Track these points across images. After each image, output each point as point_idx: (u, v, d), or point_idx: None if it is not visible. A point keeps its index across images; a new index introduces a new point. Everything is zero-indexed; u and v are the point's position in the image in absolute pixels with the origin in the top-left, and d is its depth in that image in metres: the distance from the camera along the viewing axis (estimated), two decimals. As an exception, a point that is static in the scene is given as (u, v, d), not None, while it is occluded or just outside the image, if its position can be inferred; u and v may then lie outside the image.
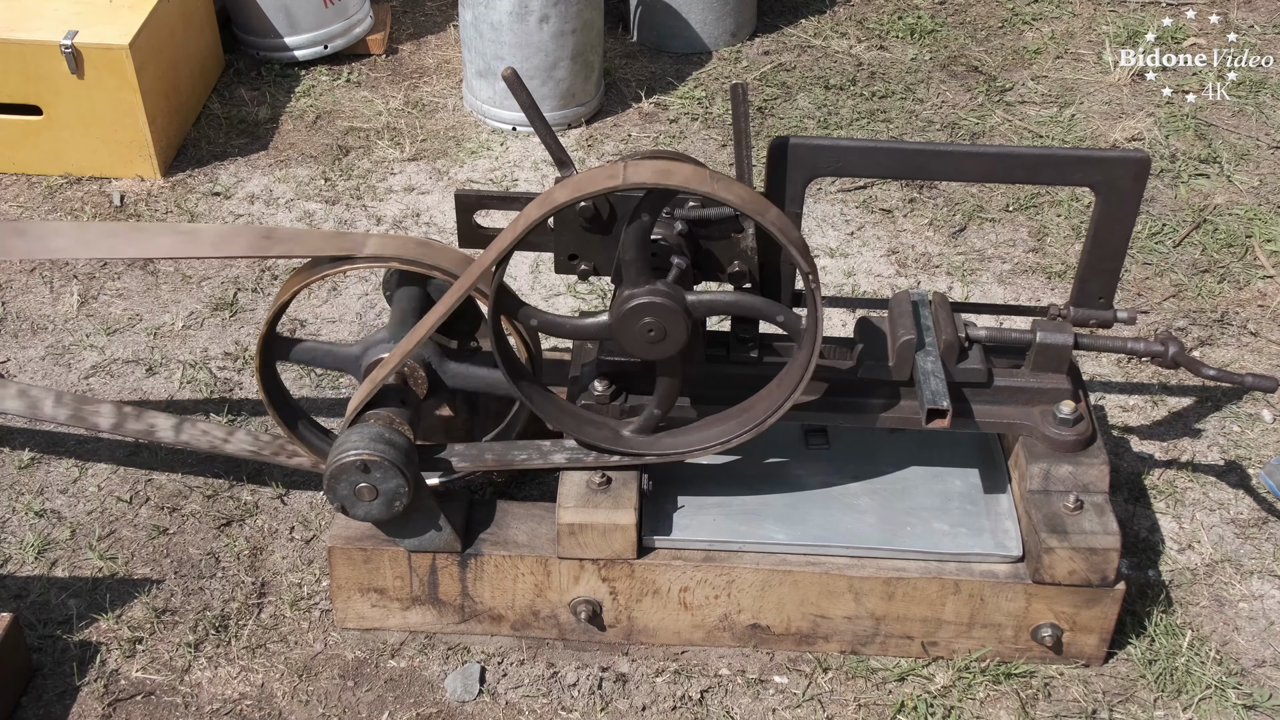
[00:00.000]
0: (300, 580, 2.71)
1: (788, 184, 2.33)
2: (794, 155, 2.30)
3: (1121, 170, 2.32)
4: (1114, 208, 2.35)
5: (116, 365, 3.24)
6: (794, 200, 2.35)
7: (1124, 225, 2.37)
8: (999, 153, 2.36)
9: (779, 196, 2.34)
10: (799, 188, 2.34)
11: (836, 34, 4.71)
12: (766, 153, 2.31)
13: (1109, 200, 2.35)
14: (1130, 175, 2.32)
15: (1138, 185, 2.33)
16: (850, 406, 2.47)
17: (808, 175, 2.33)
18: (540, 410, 2.39)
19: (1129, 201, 2.35)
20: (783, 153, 2.30)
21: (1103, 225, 2.37)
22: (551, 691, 2.50)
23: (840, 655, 2.55)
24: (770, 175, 2.33)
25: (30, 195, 3.84)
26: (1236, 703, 2.49)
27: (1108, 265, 2.42)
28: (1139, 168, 2.32)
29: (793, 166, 2.31)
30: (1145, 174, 2.33)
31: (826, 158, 2.32)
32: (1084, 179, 2.34)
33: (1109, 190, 2.34)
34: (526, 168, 4.00)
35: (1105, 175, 2.33)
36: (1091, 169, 2.33)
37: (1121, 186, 2.33)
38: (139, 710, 2.46)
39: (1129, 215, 2.36)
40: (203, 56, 4.23)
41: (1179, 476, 2.96)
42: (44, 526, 2.81)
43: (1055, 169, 2.35)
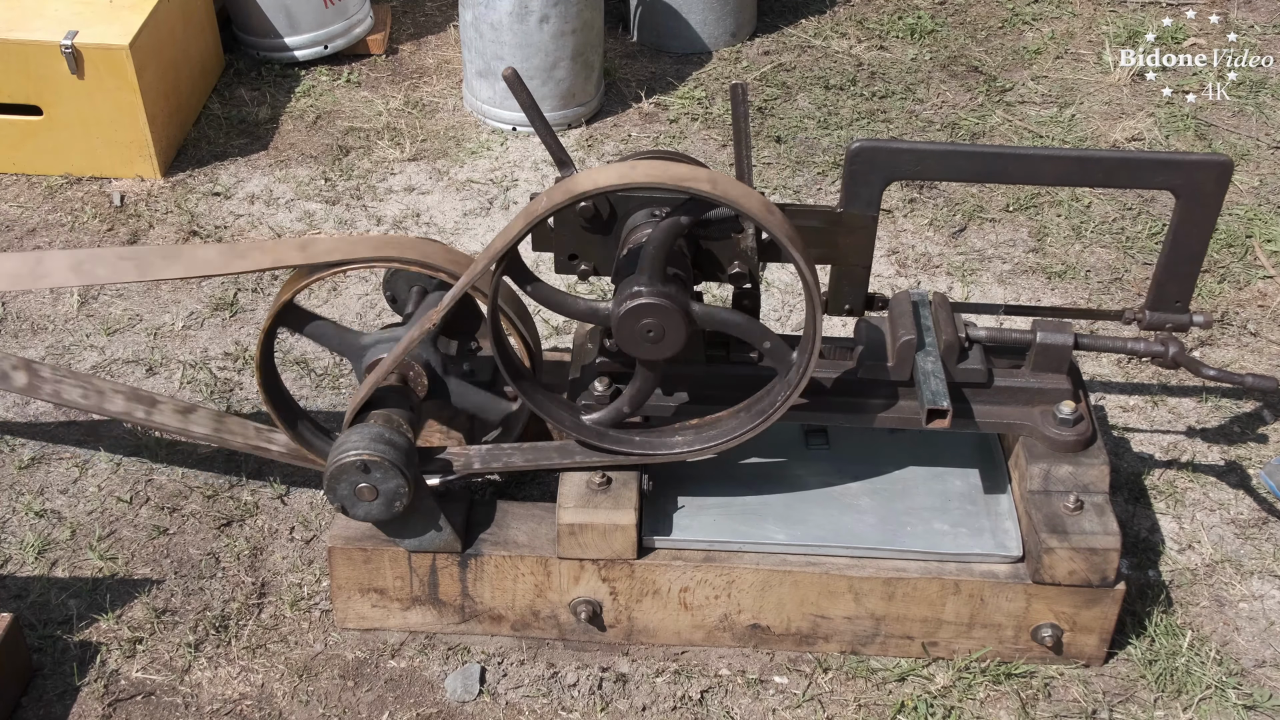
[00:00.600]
0: (300, 580, 2.71)
1: (866, 188, 2.32)
2: (874, 159, 2.30)
3: (1204, 174, 2.29)
4: (1195, 211, 2.33)
5: (116, 365, 3.24)
6: (871, 204, 2.34)
7: (1204, 229, 2.35)
8: (1078, 156, 2.34)
9: (858, 200, 2.33)
10: (877, 191, 2.33)
11: (836, 34, 4.71)
12: (845, 158, 2.30)
13: (1190, 204, 2.32)
14: (1213, 179, 2.30)
15: (1220, 188, 2.31)
16: (850, 406, 2.47)
17: (886, 179, 2.32)
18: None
19: (1210, 205, 2.32)
20: (864, 157, 2.30)
21: (1182, 229, 2.35)
22: (551, 691, 2.50)
23: (840, 655, 2.55)
24: (849, 180, 2.32)
25: (30, 195, 3.84)
26: (1236, 703, 2.49)
27: (1186, 269, 2.40)
28: (1222, 171, 2.29)
29: (872, 170, 2.31)
30: (1228, 177, 2.30)
31: (905, 161, 2.31)
32: (1165, 182, 2.32)
33: (1190, 194, 2.31)
34: (526, 168, 4.00)
35: (1187, 179, 2.30)
36: (1172, 172, 2.30)
37: (1204, 190, 2.31)
38: (139, 710, 2.46)
39: (1210, 218, 2.34)
40: (203, 56, 4.23)
41: (1179, 476, 2.96)
42: (44, 526, 2.81)
43: (1134, 172, 2.33)
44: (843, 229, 2.36)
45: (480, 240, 3.69)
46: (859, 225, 2.35)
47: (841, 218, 2.35)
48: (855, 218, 2.34)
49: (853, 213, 2.34)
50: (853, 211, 2.34)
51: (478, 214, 3.80)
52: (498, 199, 3.86)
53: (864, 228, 2.35)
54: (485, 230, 3.73)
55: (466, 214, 3.80)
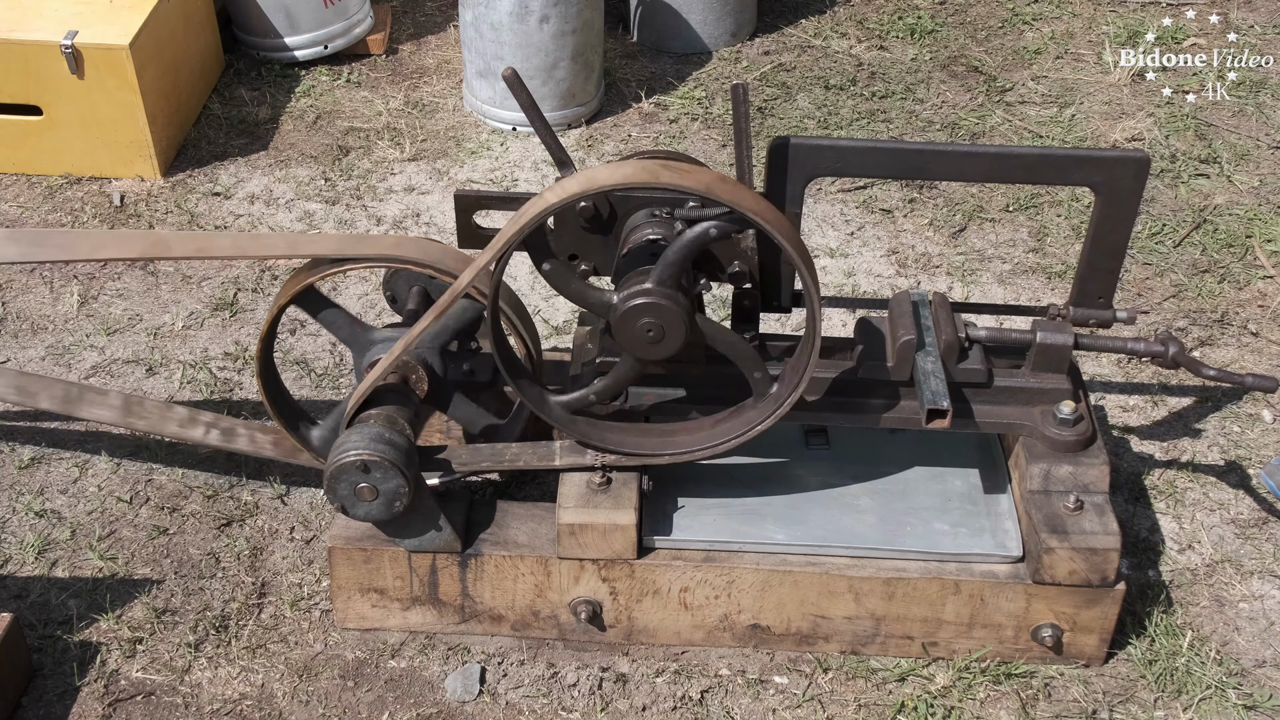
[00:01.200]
0: (300, 580, 2.71)
1: (788, 184, 2.33)
2: (794, 155, 2.30)
3: (1121, 170, 2.32)
4: (1114, 208, 2.35)
5: (116, 365, 3.24)
6: (794, 200, 2.35)
7: (1124, 225, 2.37)
8: (999, 153, 2.36)
9: (779, 197, 2.34)
10: (799, 188, 2.34)
11: (836, 34, 4.71)
12: (766, 153, 2.31)
13: (1109, 200, 2.35)
14: (1130, 175, 2.32)
15: (1138, 185, 2.33)
16: (850, 406, 2.47)
17: (808, 175, 2.33)
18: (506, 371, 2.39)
19: (1129, 201, 2.35)
20: (783, 153, 2.30)
21: (1103, 225, 2.37)
22: (551, 692, 2.50)
23: (840, 655, 2.55)
24: (770, 175, 2.33)
25: (30, 195, 3.84)
26: (1237, 703, 2.49)
27: (1108, 265, 2.42)
28: (1139, 167, 2.32)
29: (793, 166, 2.31)
30: (1145, 174, 2.33)
31: (827, 158, 2.32)
32: (1084, 179, 2.34)
33: (1109, 190, 2.34)
34: (526, 168, 4.00)
35: (1105, 175, 2.33)
36: (1091, 169, 2.33)
37: (1122, 186, 2.33)
38: (139, 710, 2.46)
39: (1129, 215, 2.36)
40: (203, 56, 4.23)
41: (1179, 476, 2.96)
42: (44, 526, 2.81)
43: (1055, 169, 2.35)
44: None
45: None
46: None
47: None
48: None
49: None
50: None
51: (478, 214, 3.79)
52: (498, 199, 3.86)
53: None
54: (485, 230, 3.73)
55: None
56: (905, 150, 2.36)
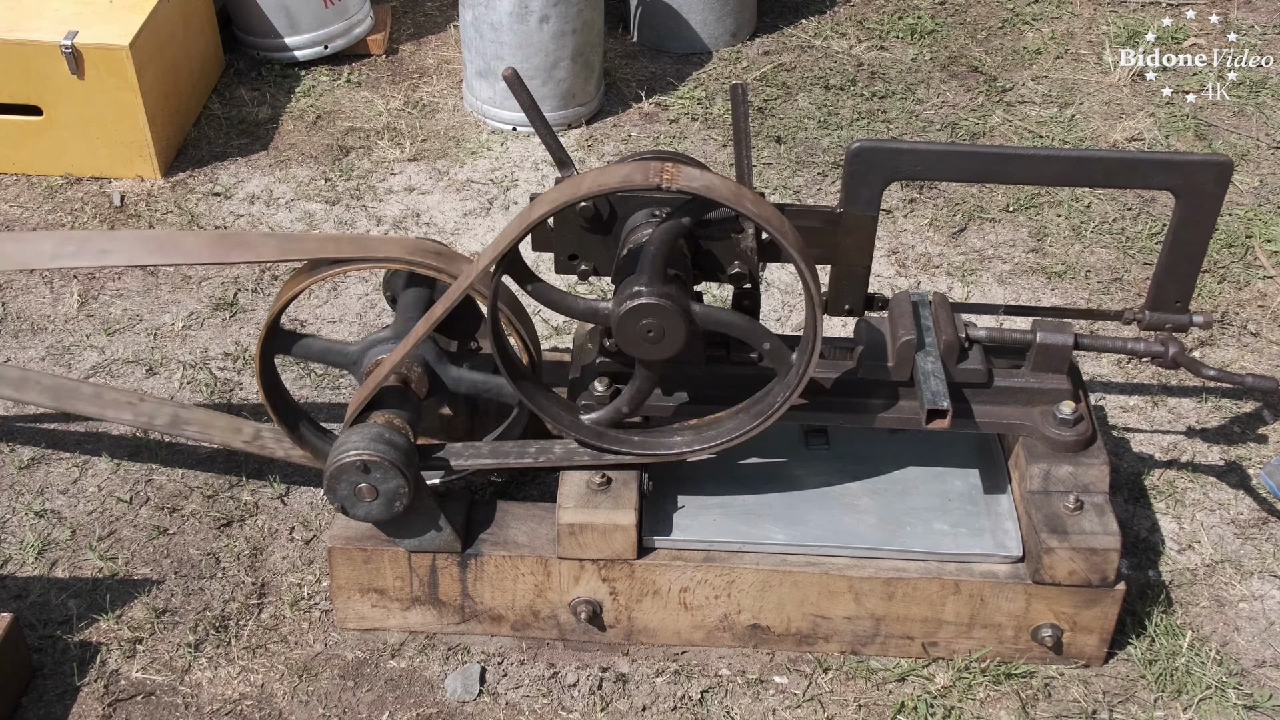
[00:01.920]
0: (300, 580, 2.71)
1: (866, 188, 2.32)
2: (873, 159, 2.30)
3: (1204, 174, 2.29)
4: (1195, 211, 2.32)
5: (116, 365, 3.24)
6: (871, 204, 2.33)
7: (1204, 229, 2.34)
8: (1078, 156, 2.34)
9: (858, 201, 2.33)
10: (877, 191, 2.33)
11: (836, 34, 4.71)
12: (845, 158, 2.30)
13: (1190, 204, 2.32)
14: (1213, 179, 2.29)
15: (1219, 189, 2.30)
16: (850, 406, 2.47)
17: (886, 179, 2.32)
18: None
19: (1210, 205, 2.31)
20: (863, 157, 2.30)
21: (1182, 229, 2.34)
22: (551, 692, 2.50)
23: (840, 655, 2.55)
24: (849, 180, 2.31)
25: (30, 195, 3.84)
26: (1236, 703, 2.49)
27: (1186, 269, 2.39)
28: (1221, 171, 2.29)
29: (871, 170, 2.30)
30: (1228, 177, 2.30)
31: (905, 161, 2.31)
32: (1164, 183, 2.32)
33: (1190, 194, 2.31)
34: (527, 168, 4.01)
35: (1186, 179, 2.30)
36: (1172, 173, 2.30)
37: (1203, 190, 2.30)
38: (139, 710, 2.46)
39: (1210, 219, 2.33)
40: (203, 57, 4.23)
41: (1179, 476, 2.96)
42: (44, 527, 2.81)
43: (1135, 173, 2.33)
44: (842, 229, 2.36)
45: (480, 240, 3.69)
46: (858, 225, 2.35)
47: (841, 218, 2.35)
48: (855, 218, 2.34)
49: (852, 213, 2.34)
50: (852, 211, 2.34)
51: (478, 214, 3.80)
52: (498, 199, 3.86)
53: (863, 228, 2.35)
54: (485, 230, 3.73)
55: (466, 214, 3.80)
56: (983, 153, 2.34)
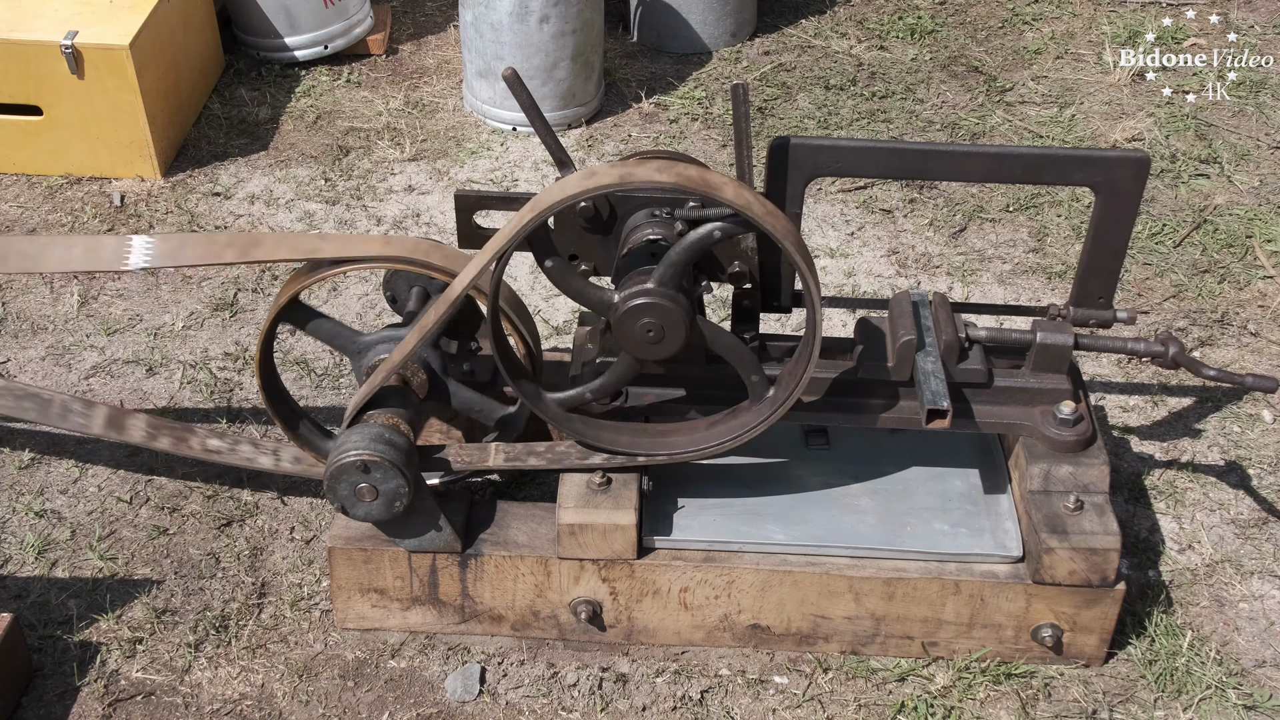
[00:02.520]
0: (300, 580, 2.71)
1: (788, 184, 2.33)
2: (794, 155, 2.30)
3: (1121, 170, 2.32)
4: (1114, 208, 2.35)
5: (116, 365, 3.24)
6: (794, 200, 2.35)
7: (1124, 225, 2.37)
8: (999, 153, 2.36)
9: (779, 197, 2.34)
10: (799, 188, 2.34)
11: (836, 34, 4.71)
12: (766, 153, 2.31)
13: (1109, 200, 2.35)
14: (1130, 175, 2.32)
15: (1137, 185, 2.33)
16: (850, 406, 2.47)
17: (808, 175, 2.33)
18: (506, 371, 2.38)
19: (1129, 201, 2.35)
20: (783, 153, 2.30)
21: (1103, 225, 2.37)
22: (551, 692, 2.50)
23: (840, 655, 2.55)
24: (770, 175, 2.33)
25: (30, 195, 3.84)
26: (1236, 703, 2.49)
27: (1108, 265, 2.42)
28: (1139, 168, 2.32)
29: (793, 167, 2.31)
30: (1145, 174, 2.33)
31: (827, 158, 2.32)
32: (1084, 179, 2.34)
33: (1109, 190, 2.34)
34: (527, 168, 4.01)
35: (1105, 175, 2.33)
36: (1091, 169, 2.33)
37: (1121, 186, 2.33)
38: (139, 710, 2.46)
39: (1129, 215, 2.36)
40: (203, 57, 4.23)
41: (1179, 476, 2.96)
42: (44, 527, 2.81)
43: (1055, 169, 2.35)
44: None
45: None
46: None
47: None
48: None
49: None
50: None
51: (478, 214, 3.79)
52: (498, 199, 3.86)
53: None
54: (485, 230, 3.73)
55: (466, 214, 3.79)
56: (905, 150, 2.36)
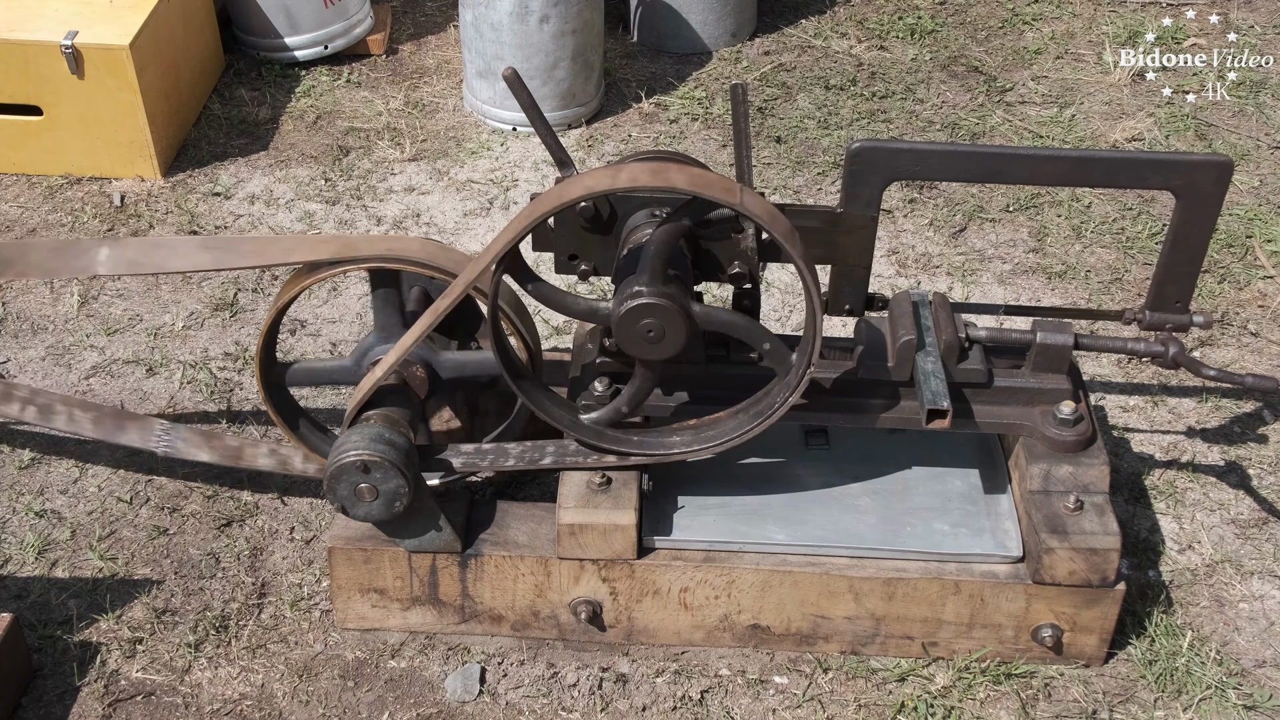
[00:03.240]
0: (300, 580, 2.71)
1: (866, 188, 2.32)
2: (874, 159, 2.30)
3: (1203, 174, 2.29)
4: (1195, 212, 2.32)
5: (116, 365, 3.24)
6: (871, 204, 2.33)
7: (1204, 229, 2.34)
8: (1078, 156, 2.34)
9: (858, 201, 2.33)
10: (877, 191, 2.33)
11: (836, 34, 4.71)
12: (845, 158, 2.30)
13: (1190, 204, 2.32)
14: (1212, 179, 2.29)
15: (1219, 189, 2.30)
16: (850, 406, 2.47)
17: (886, 179, 2.32)
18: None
19: (1210, 205, 2.31)
20: (863, 157, 2.30)
21: (1182, 229, 2.34)
22: (552, 692, 2.50)
23: (840, 655, 2.55)
24: (849, 180, 2.31)
25: (30, 195, 3.84)
26: (1237, 703, 2.49)
27: (1186, 269, 2.39)
28: (1221, 171, 2.29)
29: (872, 171, 2.30)
30: (1228, 177, 2.30)
31: (906, 161, 2.31)
32: (1164, 183, 2.32)
33: (1190, 194, 2.31)
34: (527, 168, 4.01)
35: (1186, 179, 2.30)
36: (1172, 172, 2.30)
37: (1203, 190, 2.30)
38: (139, 710, 2.46)
39: (1210, 219, 2.33)
40: (203, 57, 4.23)
41: (1179, 476, 2.96)
42: (44, 527, 2.81)
43: (1134, 172, 2.33)
44: (842, 229, 2.36)
45: (480, 240, 3.69)
46: (859, 225, 2.35)
47: (841, 218, 2.35)
48: (855, 218, 2.34)
49: (853, 213, 2.34)
50: (853, 212, 2.34)
51: (478, 214, 3.80)
52: (498, 199, 3.86)
53: (864, 228, 2.35)
54: (485, 230, 3.73)
55: (466, 214, 3.80)
56: (984, 153, 2.34)
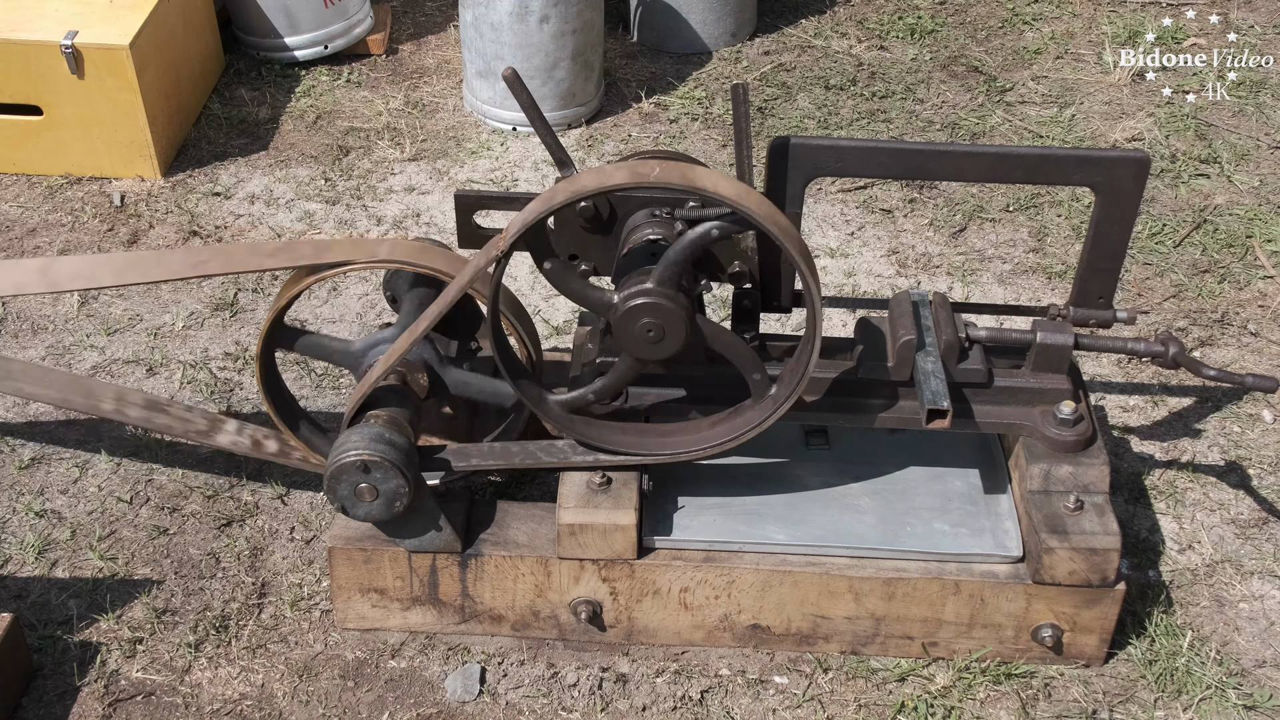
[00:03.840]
0: (300, 580, 2.71)
1: (788, 184, 2.33)
2: (794, 155, 2.30)
3: (1121, 170, 2.32)
4: (1114, 208, 2.35)
5: (116, 365, 3.24)
6: (794, 200, 2.35)
7: (1124, 225, 2.37)
8: (999, 153, 2.36)
9: (779, 196, 2.34)
10: (799, 188, 2.34)
11: (836, 34, 4.71)
12: (766, 153, 2.31)
13: (1109, 200, 2.35)
14: (1130, 175, 2.32)
15: (1138, 185, 2.33)
16: (850, 406, 2.47)
17: (808, 175, 2.33)
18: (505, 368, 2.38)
19: (1129, 201, 2.35)
20: (783, 153, 2.30)
21: (1102, 225, 2.37)
22: (552, 692, 2.50)
23: (840, 655, 2.55)
24: (770, 175, 2.33)
25: (30, 195, 3.84)
26: (1237, 703, 2.49)
27: (1107, 265, 2.42)
28: (1139, 168, 2.32)
29: (793, 167, 2.31)
30: (1145, 174, 2.33)
31: (827, 157, 2.32)
32: (1084, 179, 2.35)
33: (1109, 190, 2.34)
34: (527, 168, 4.01)
35: (1105, 175, 2.33)
36: (1092, 169, 2.33)
37: (1121, 186, 2.33)
38: (139, 710, 2.46)
39: (1129, 215, 2.36)
40: (203, 56, 4.23)
41: (1179, 476, 2.96)
42: (44, 527, 2.81)
43: (1055, 169, 2.35)
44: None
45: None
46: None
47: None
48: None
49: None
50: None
51: (478, 214, 3.79)
52: (498, 199, 3.86)
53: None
54: (485, 230, 3.73)
55: (466, 214, 3.79)
56: (905, 150, 2.36)
